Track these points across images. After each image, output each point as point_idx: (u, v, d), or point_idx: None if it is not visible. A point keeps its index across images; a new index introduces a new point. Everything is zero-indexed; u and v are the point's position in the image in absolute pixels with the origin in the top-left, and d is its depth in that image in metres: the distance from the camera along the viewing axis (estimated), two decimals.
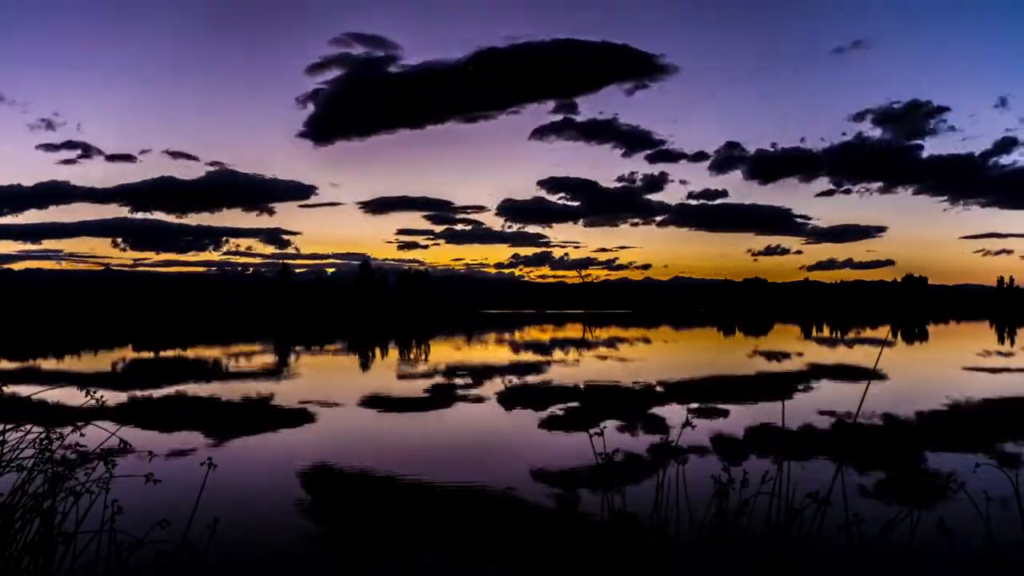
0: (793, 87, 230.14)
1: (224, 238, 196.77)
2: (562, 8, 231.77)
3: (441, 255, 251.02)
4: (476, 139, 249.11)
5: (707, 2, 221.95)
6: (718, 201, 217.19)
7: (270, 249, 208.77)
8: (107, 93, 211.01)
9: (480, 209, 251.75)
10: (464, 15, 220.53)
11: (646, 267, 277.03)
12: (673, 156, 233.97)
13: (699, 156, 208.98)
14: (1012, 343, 37.11)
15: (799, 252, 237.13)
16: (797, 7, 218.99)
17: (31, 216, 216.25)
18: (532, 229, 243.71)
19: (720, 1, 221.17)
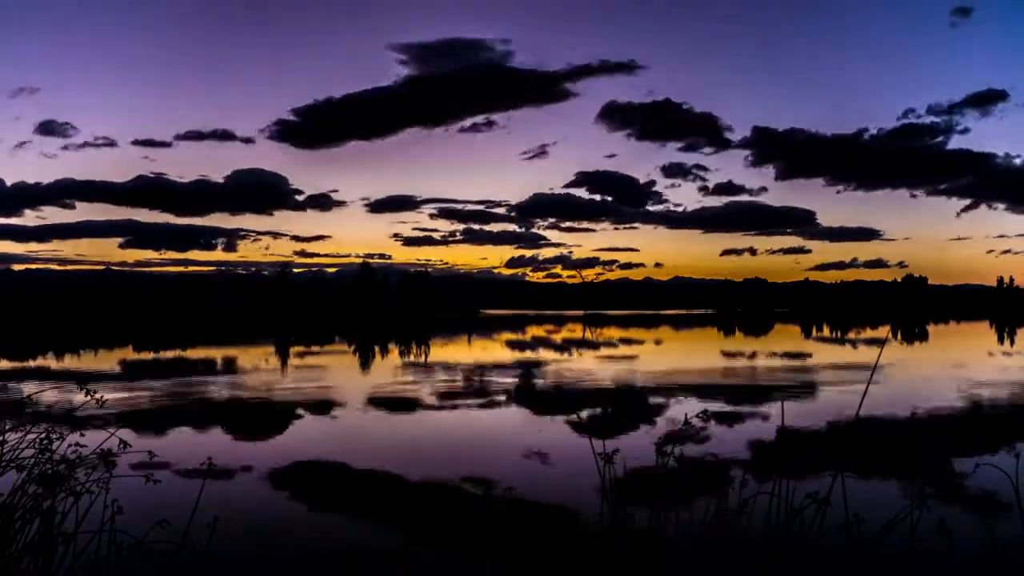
0: (856, 74, 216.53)
1: (234, 239, 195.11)
2: None
3: (455, 256, 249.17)
4: (500, 138, 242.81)
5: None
6: (742, 198, 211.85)
7: (280, 249, 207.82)
8: (112, 92, 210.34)
9: (498, 207, 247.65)
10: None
11: (658, 266, 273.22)
12: (713, 145, 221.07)
13: (739, 145, 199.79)
14: (1012, 343, 37.11)
15: (819, 253, 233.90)
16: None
17: (35, 216, 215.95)
18: (545, 229, 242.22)
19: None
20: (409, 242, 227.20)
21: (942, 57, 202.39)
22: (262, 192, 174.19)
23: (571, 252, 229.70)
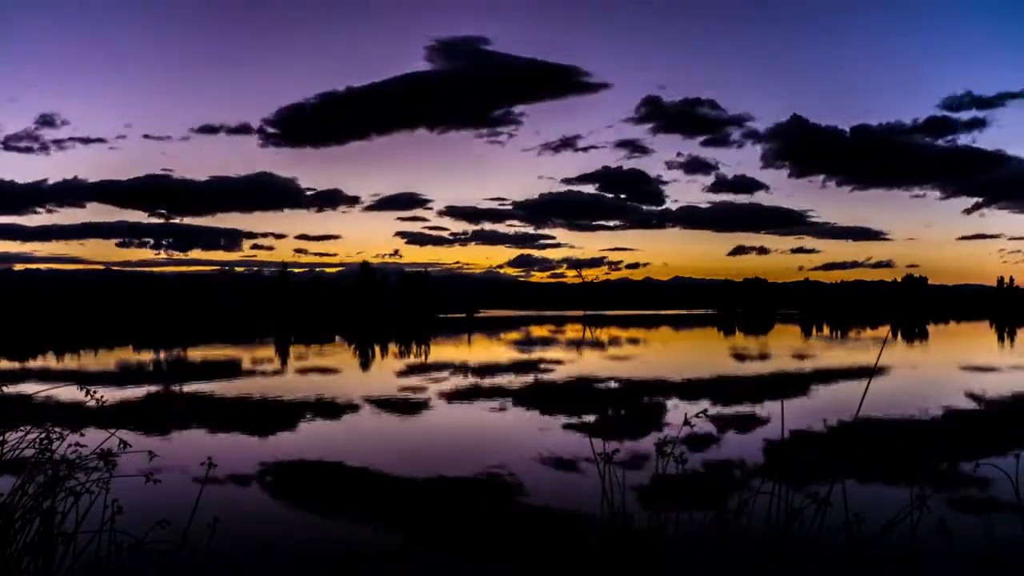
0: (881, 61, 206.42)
1: (239, 238, 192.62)
2: None
3: (465, 256, 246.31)
4: (516, 137, 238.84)
5: None
6: (755, 196, 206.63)
7: (286, 249, 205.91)
8: (117, 88, 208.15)
9: (510, 206, 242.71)
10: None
11: (665, 265, 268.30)
12: (730, 143, 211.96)
13: (756, 142, 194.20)
14: (1012, 343, 37.12)
15: (829, 253, 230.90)
16: None
17: (36, 216, 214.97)
18: (556, 228, 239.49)
19: None
20: (419, 242, 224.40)
21: (1002, 44, 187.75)
22: (270, 191, 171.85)
23: (580, 251, 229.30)
